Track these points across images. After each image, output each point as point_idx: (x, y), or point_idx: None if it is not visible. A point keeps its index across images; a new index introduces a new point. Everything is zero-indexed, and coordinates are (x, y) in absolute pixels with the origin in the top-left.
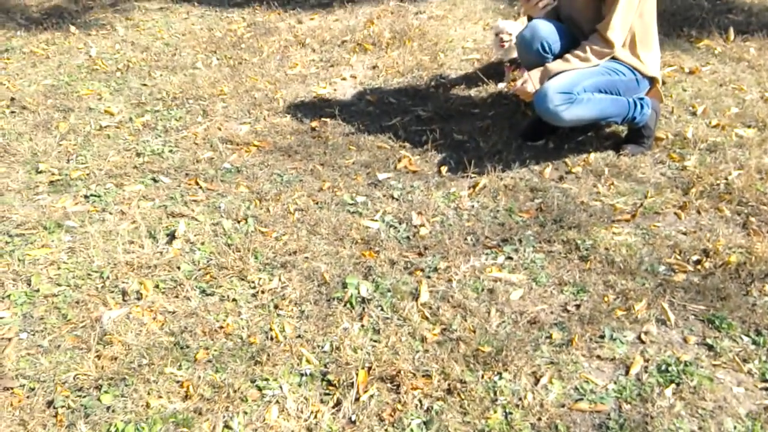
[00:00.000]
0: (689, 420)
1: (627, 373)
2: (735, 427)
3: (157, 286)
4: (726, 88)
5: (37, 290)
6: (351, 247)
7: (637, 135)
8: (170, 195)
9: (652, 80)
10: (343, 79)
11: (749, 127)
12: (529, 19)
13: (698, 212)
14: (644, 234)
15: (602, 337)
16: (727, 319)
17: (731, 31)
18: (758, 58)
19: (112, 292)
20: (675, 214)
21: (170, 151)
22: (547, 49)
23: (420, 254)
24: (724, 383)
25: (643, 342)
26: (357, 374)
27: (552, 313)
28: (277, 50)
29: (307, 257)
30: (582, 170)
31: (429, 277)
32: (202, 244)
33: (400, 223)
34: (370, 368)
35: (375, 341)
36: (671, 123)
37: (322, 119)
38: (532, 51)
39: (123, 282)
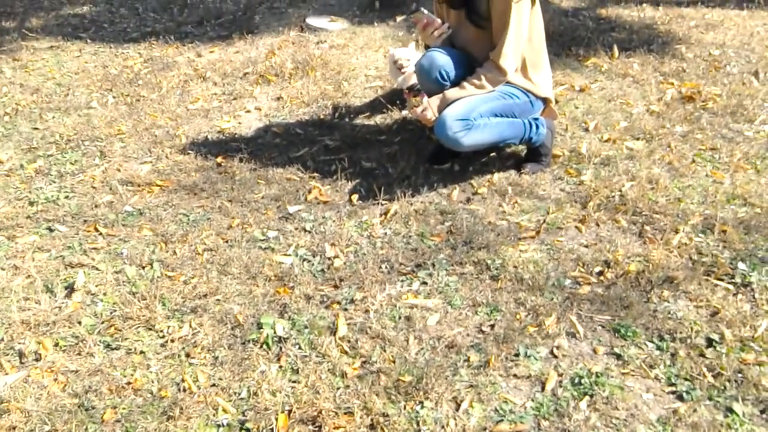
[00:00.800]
0: (604, 430)
1: (543, 389)
2: None
3: (56, 345)
4: (614, 103)
5: None
6: (264, 285)
7: (535, 154)
8: (67, 244)
9: (546, 100)
10: (248, 111)
11: (638, 139)
12: (426, 47)
13: (597, 224)
14: (549, 249)
15: (517, 355)
16: (631, 327)
17: (615, 48)
18: (641, 73)
19: (7, 354)
20: (576, 227)
21: (66, 197)
22: (445, 77)
23: (335, 286)
24: (634, 391)
25: (555, 357)
26: (276, 419)
27: (468, 335)
28: (177, 85)
29: (218, 299)
30: (487, 190)
31: (346, 310)
32: (104, 294)
33: (313, 256)
34: (290, 411)
35: (294, 382)
36: (566, 140)
37: (228, 154)
38: (431, 79)
39: (19, 343)
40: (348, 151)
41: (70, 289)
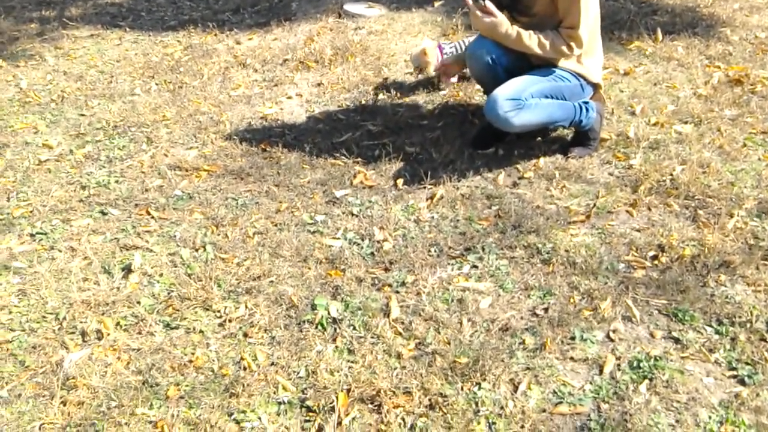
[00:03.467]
0: (666, 414)
1: (601, 372)
2: (710, 417)
3: (117, 324)
4: (660, 87)
5: None
6: (316, 268)
7: (583, 137)
8: (121, 227)
9: (596, 86)
10: (289, 98)
11: (686, 123)
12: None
13: (648, 209)
14: (600, 234)
15: (573, 338)
16: (689, 312)
17: (659, 31)
18: (686, 56)
19: (71, 333)
20: (627, 212)
21: (116, 181)
22: (496, 60)
23: (386, 269)
24: (694, 375)
25: (612, 340)
26: (336, 397)
27: (522, 318)
28: (218, 72)
29: (272, 281)
30: (534, 175)
31: (398, 292)
32: (161, 275)
33: (362, 240)
34: (349, 390)
35: (351, 362)
36: (613, 124)
37: (272, 140)
38: (482, 62)
39: (81, 322)
40: (391, 136)
41: (127, 271)
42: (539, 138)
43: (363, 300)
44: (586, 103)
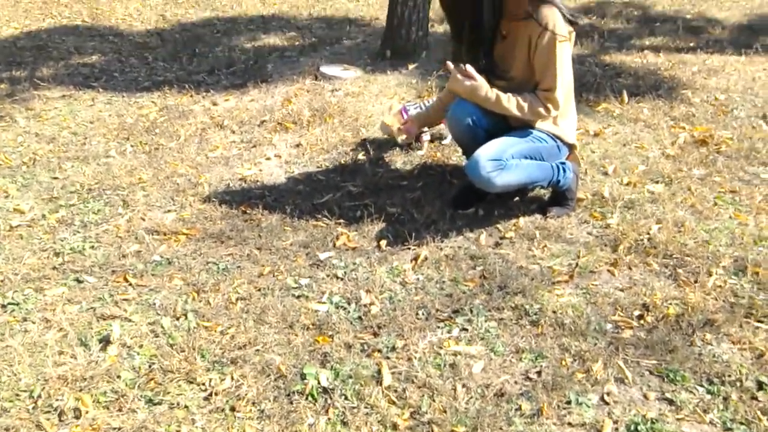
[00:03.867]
0: None
1: None
2: None
3: (96, 401)
4: (629, 148)
5: None
6: (303, 334)
7: (561, 197)
8: (98, 296)
9: (571, 146)
10: (268, 159)
11: (657, 182)
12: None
13: (629, 268)
14: (585, 293)
15: (569, 402)
16: (679, 372)
17: (624, 94)
18: (652, 117)
19: (47, 412)
20: (608, 271)
21: (92, 247)
22: (477, 122)
23: (375, 334)
24: None
25: (607, 403)
26: None
27: (516, 383)
28: (195, 133)
29: (258, 350)
30: (515, 234)
31: (388, 358)
32: (141, 347)
33: (348, 303)
34: None
35: None
36: (587, 184)
37: (252, 201)
38: (463, 125)
39: (57, 399)
40: (372, 197)
41: (105, 342)
42: (517, 198)
43: (353, 367)
44: (563, 163)
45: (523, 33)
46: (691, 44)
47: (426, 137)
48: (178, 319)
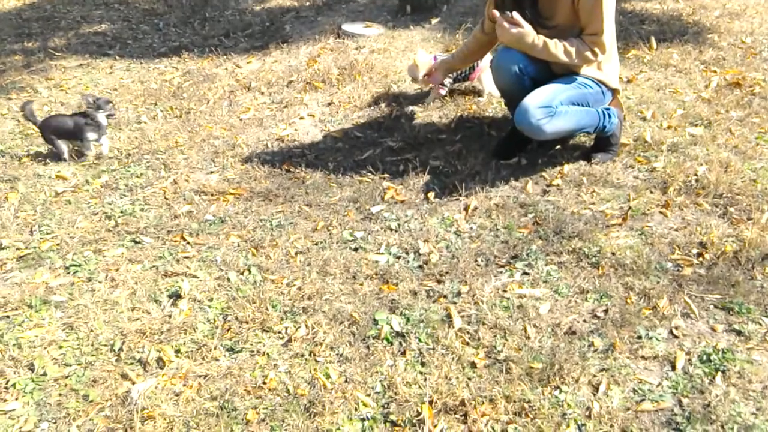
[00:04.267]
0: (745, 404)
1: (674, 368)
2: None
3: (178, 351)
4: (664, 93)
5: (44, 374)
6: (368, 283)
7: (605, 143)
8: (158, 255)
9: (615, 91)
10: (301, 118)
11: (696, 125)
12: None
13: (680, 209)
14: (641, 235)
15: (639, 337)
16: (744, 304)
17: (653, 40)
18: (682, 62)
19: (130, 364)
20: (660, 213)
21: (142, 209)
22: (524, 70)
23: (438, 281)
24: (763, 365)
25: (676, 337)
26: (421, 410)
27: (585, 321)
28: (223, 96)
29: (326, 299)
30: (561, 182)
31: (455, 303)
32: (211, 300)
33: (407, 254)
34: (431, 402)
35: (426, 374)
36: (627, 129)
37: (293, 160)
38: (511, 73)
39: (138, 352)
40: (412, 151)
41: (176, 297)
42: (559, 146)
43: (423, 312)
44: (608, 109)
45: None
46: None
47: (443, 91)
48: (242, 273)
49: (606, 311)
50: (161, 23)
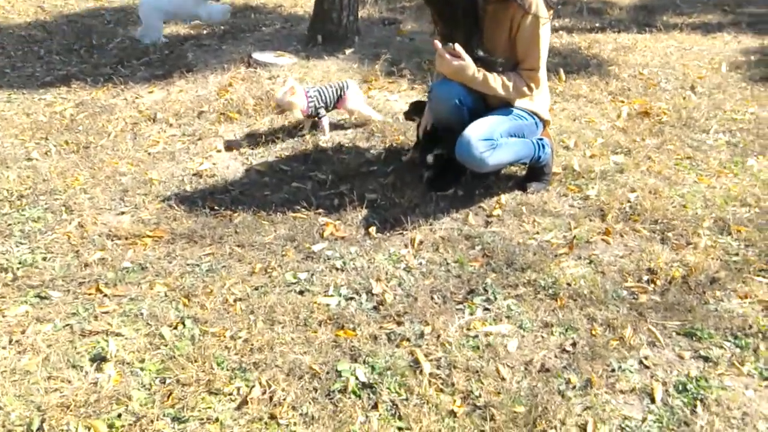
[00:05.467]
0: (730, 431)
1: (653, 401)
2: None
3: (112, 426)
4: (580, 122)
5: None
6: (322, 330)
7: (539, 173)
8: (71, 311)
9: (546, 122)
10: (219, 151)
11: (617, 153)
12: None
13: (621, 235)
14: (590, 263)
15: (613, 370)
16: (704, 330)
17: (561, 72)
18: (591, 93)
19: None
20: (603, 240)
21: (44, 259)
22: (462, 102)
23: (398, 323)
24: (736, 390)
25: (647, 367)
26: None
27: (556, 357)
28: (125, 128)
29: (279, 351)
30: (501, 212)
31: (419, 346)
32: (142, 362)
33: (358, 294)
34: None
35: (403, 429)
36: (554, 158)
37: (216, 197)
38: (450, 104)
39: (62, 430)
40: (345, 184)
41: (100, 360)
42: (493, 177)
43: (388, 359)
44: (541, 139)
45: (504, 14)
46: (597, 24)
47: (326, 121)
48: (175, 327)
49: (574, 344)
50: (41, 51)
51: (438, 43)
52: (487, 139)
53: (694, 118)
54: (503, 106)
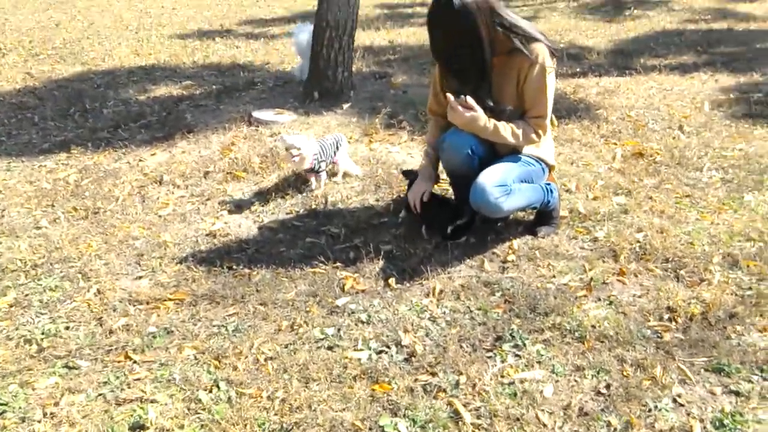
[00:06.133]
0: None
1: None
2: None
3: None
4: (578, 165)
5: None
6: (358, 385)
7: (547, 217)
8: (102, 380)
9: (551, 168)
10: (229, 211)
11: (618, 194)
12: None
13: (635, 275)
14: (610, 305)
15: (650, 410)
16: (731, 365)
17: (553, 117)
18: (584, 137)
19: None
20: (619, 281)
21: (67, 328)
22: (475, 150)
23: (432, 374)
24: None
25: (681, 405)
26: None
27: (592, 400)
28: (133, 192)
29: (319, 409)
30: (515, 257)
31: (456, 396)
32: (182, 428)
33: (388, 347)
34: None
35: None
36: (560, 202)
37: (233, 256)
38: (462, 154)
39: None
40: (358, 237)
41: (138, 429)
42: (502, 223)
43: (428, 412)
44: (548, 184)
45: (512, 66)
46: (578, 69)
47: (323, 176)
48: (210, 391)
49: (608, 386)
50: (36, 117)
51: (451, 97)
52: (501, 185)
53: (687, 156)
54: (511, 153)
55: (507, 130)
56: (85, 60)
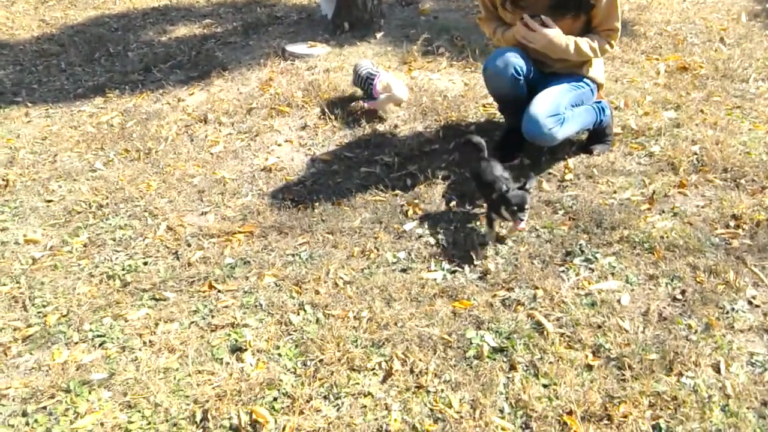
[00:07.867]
0: None
1: None
2: None
3: (272, 409)
4: (622, 83)
5: None
6: (438, 303)
7: (601, 135)
8: (191, 309)
9: (600, 86)
10: (279, 145)
11: (668, 109)
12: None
13: (696, 187)
14: (674, 216)
15: (727, 312)
16: None
17: None
18: (625, 54)
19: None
20: (680, 193)
21: (145, 263)
22: (519, 72)
23: (508, 289)
24: None
25: (757, 306)
26: (563, 422)
27: (668, 305)
28: (180, 132)
29: (406, 326)
30: (573, 176)
31: (536, 309)
32: (278, 348)
33: (461, 267)
34: (570, 412)
35: (548, 386)
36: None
37: (292, 189)
38: (507, 76)
39: (227, 418)
40: (411, 164)
41: (238, 351)
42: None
43: (510, 323)
44: (599, 102)
45: None
46: None
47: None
48: (297, 314)
49: (683, 293)
50: (62, 63)
51: (528, 18)
52: (554, 115)
53: (731, 68)
54: (562, 74)
55: (586, 45)
56: (96, 4)
